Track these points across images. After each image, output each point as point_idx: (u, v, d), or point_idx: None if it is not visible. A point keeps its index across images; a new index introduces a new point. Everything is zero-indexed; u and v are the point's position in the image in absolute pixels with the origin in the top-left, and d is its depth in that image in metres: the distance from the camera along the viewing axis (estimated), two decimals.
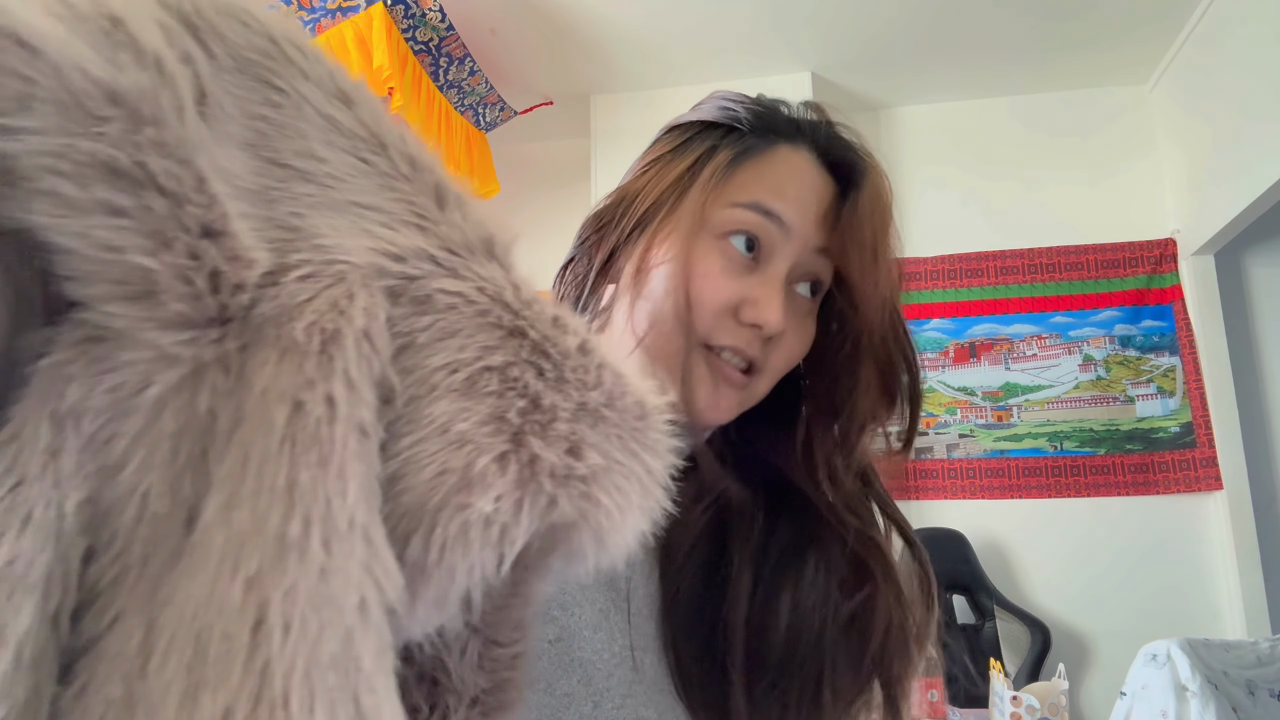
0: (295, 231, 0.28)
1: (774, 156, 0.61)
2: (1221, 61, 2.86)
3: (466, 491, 0.26)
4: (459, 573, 0.26)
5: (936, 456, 3.23)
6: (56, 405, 0.25)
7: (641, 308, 0.57)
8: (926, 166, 3.49)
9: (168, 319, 0.25)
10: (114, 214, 0.24)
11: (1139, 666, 1.86)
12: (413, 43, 2.54)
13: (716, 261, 0.57)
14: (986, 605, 2.95)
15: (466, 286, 0.30)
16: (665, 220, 0.59)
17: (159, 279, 0.25)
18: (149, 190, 0.24)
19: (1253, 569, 2.90)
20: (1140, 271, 3.24)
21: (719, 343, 0.56)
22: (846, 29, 3.05)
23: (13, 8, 0.24)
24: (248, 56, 0.30)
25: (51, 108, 0.23)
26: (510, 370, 0.29)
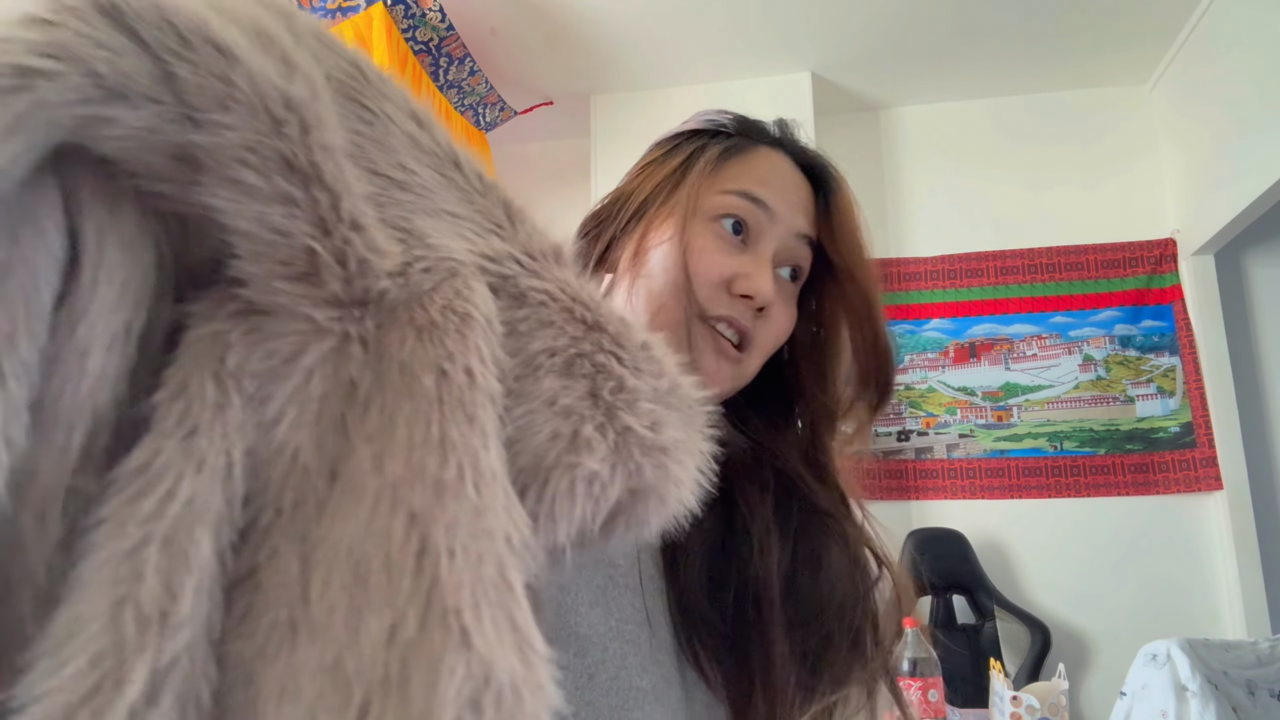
0: (407, 232, 0.33)
1: (757, 154, 0.67)
2: (1221, 62, 2.87)
3: (574, 453, 0.31)
4: (562, 524, 0.31)
5: (936, 456, 3.23)
6: (218, 368, 0.29)
7: (641, 286, 0.62)
8: (926, 166, 3.49)
9: (323, 297, 0.29)
10: (288, 203, 0.28)
11: (1139, 666, 1.86)
12: (413, 43, 2.54)
13: (710, 240, 0.62)
14: (986, 605, 2.95)
15: (550, 286, 0.36)
16: (661, 208, 0.64)
17: (320, 261, 0.29)
18: (316, 185, 0.29)
19: (1253, 569, 2.90)
20: (1140, 271, 3.24)
21: (715, 313, 0.61)
22: (846, 29, 3.05)
23: (207, 16, 0.28)
24: (339, 78, 0.35)
25: (245, 109, 0.28)
26: (598, 357, 0.34)
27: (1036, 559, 3.10)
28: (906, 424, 3.28)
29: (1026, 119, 3.45)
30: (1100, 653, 3.00)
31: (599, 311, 0.36)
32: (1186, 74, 3.11)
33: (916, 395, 3.29)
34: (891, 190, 3.50)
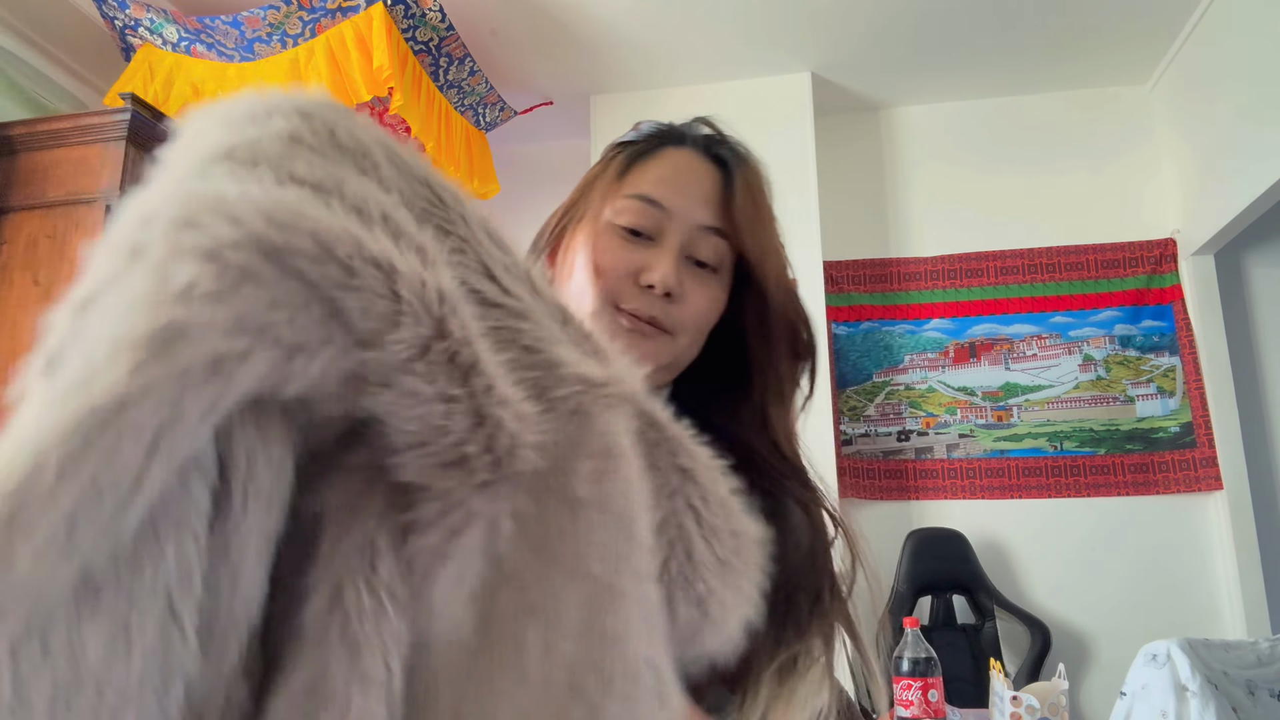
0: (542, 367, 0.35)
1: (660, 156, 0.72)
2: (1221, 62, 2.87)
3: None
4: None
5: (936, 456, 3.23)
6: (370, 576, 0.29)
7: (567, 286, 0.69)
8: (926, 166, 3.49)
9: (475, 482, 0.30)
10: (449, 401, 0.30)
11: (1139, 666, 1.86)
12: (413, 43, 2.54)
13: (615, 240, 0.68)
14: (986, 605, 2.95)
15: (664, 421, 0.39)
16: (577, 217, 0.72)
17: (471, 451, 0.30)
18: (474, 375, 0.30)
19: (1253, 569, 2.90)
20: (1140, 271, 3.24)
21: (625, 305, 0.67)
22: (846, 29, 3.05)
23: (359, 233, 0.29)
24: (422, 207, 0.35)
25: (411, 319, 0.29)
26: (684, 520, 0.37)
27: (1036, 559, 3.10)
28: (906, 424, 3.28)
29: (1026, 119, 3.45)
30: (1100, 653, 3.00)
31: (694, 459, 0.39)
32: (1186, 74, 3.11)
33: (916, 395, 3.29)
34: (891, 190, 3.50)
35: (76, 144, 2.18)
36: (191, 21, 2.42)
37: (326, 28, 2.40)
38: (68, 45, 2.65)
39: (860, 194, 3.51)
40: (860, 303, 3.38)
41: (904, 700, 1.72)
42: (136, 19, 2.48)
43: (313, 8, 2.35)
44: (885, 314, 3.37)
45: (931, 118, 3.53)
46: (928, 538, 3.05)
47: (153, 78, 2.50)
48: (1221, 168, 2.89)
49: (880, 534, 3.17)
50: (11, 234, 2.19)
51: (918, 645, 1.77)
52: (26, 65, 2.54)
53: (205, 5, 2.74)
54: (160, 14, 2.45)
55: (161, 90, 2.48)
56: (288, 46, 2.42)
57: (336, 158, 0.34)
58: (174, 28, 2.45)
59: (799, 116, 3.29)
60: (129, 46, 2.60)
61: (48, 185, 2.19)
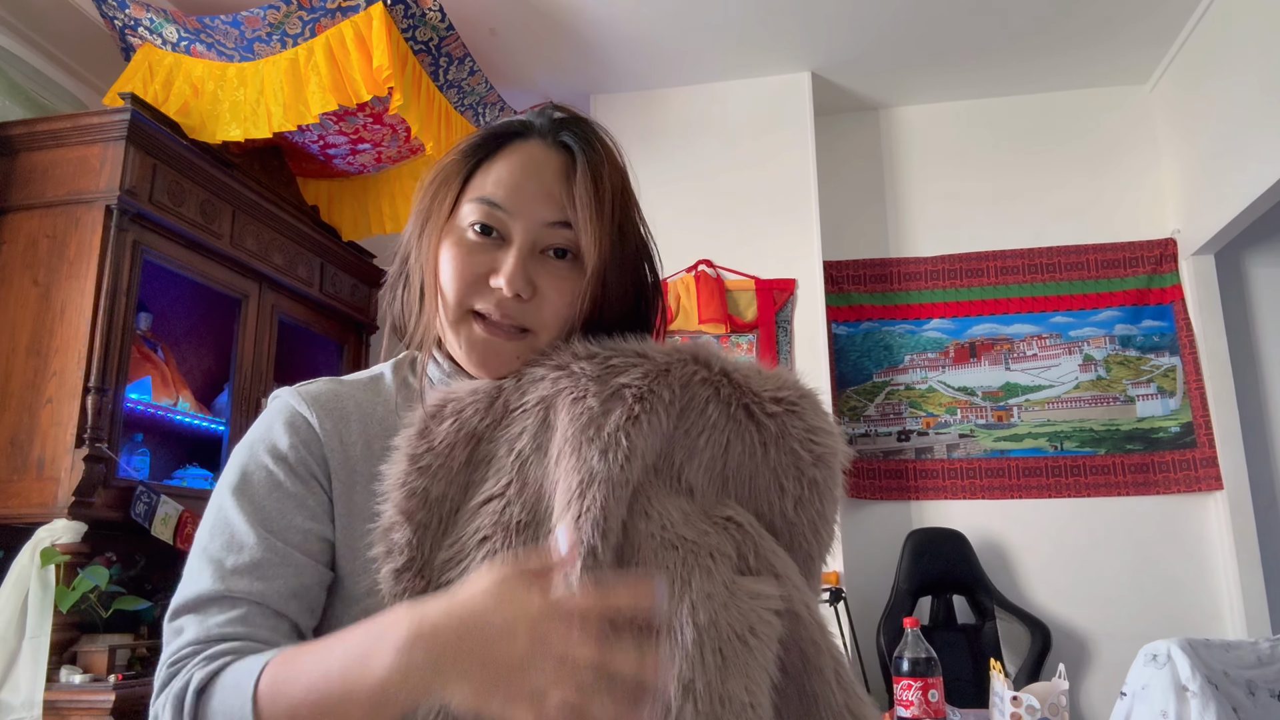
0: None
1: (502, 155, 0.71)
2: (1221, 62, 2.86)
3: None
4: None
5: (937, 456, 3.23)
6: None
7: (431, 296, 0.70)
8: (926, 166, 3.49)
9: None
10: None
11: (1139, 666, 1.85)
12: (413, 42, 2.54)
13: (463, 246, 0.69)
14: (986, 605, 2.95)
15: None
16: (423, 228, 0.72)
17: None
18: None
19: (1253, 569, 2.90)
20: (1140, 271, 3.24)
21: (480, 308, 0.68)
22: (846, 29, 3.05)
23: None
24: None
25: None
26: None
27: (1036, 559, 3.10)
28: (906, 424, 3.28)
29: (1026, 119, 3.45)
30: (1100, 653, 3.00)
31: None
32: (1186, 74, 3.11)
33: (916, 395, 3.29)
34: (891, 190, 3.50)
35: (76, 144, 2.18)
36: (191, 21, 2.42)
37: (326, 27, 2.39)
38: (68, 45, 2.65)
39: (860, 194, 3.51)
40: (860, 303, 3.38)
41: (904, 700, 1.72)
42: (136, 19, 2.48)
43: (312, 7, 2.34)
44: (885, 314, 3.37)
45: (931, 118, 3.53)
46: (928, 538, 3.04)
47: (152, 78, 2.50)
48: (1221, 167, 2.89)
49: (880, 534, 3.17)
50: (11, 234, 2.19)
51: (918, 645, 1.77)
52: (26, 65, 2.54)
53: (205, 5, 2.74)
54: (160, 14, 2.45)
55: (161, 90, 2.48)
56: (287, 46, 2.42)
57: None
58: (174, 28, 2.45)
59: (799, 116, 3.28)
60: (129, 46, 2.60)
61: (48, 185, 2.19)
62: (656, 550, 0.57)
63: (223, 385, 2.68)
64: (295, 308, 2.85)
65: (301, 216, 2.87)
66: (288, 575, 0.63)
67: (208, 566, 0.63)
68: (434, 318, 0.70)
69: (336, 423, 0.70)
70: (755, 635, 0.55)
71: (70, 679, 1.87)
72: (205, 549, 0.65)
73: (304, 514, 0.66)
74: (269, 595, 0.62)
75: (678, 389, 0.63)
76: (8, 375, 2.08)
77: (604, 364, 0.64)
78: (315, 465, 0.68)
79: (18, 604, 1.86)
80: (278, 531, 0.64)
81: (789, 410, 0.64)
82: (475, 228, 0.69)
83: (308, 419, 0.70)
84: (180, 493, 2.29)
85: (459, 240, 0.69)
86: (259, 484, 0.66)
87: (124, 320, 2.11)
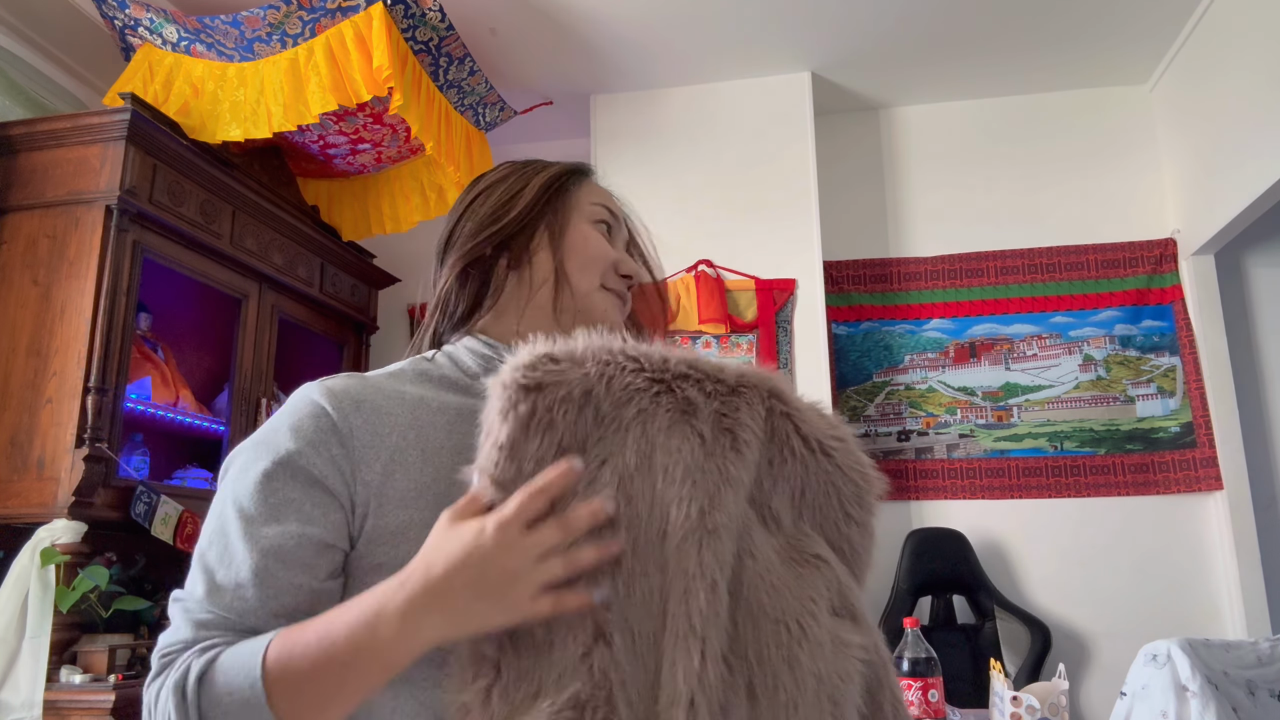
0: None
1: (591, 180, 0.92)
2: (1221, 61, 2.86)
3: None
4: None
5: (937, 456, 3.23)
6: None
7: (546, 273, 0.83)
8: (926, 166, 3.49)
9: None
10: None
11: (1139, 666, 1.85)
12: (413, 42, 2.54)
13: (600, 235, 0.87)
14: (986, 605, 2.95)
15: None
16: (553, 215, 0.86)
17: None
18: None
19: (1253, 569, 2.90)
20: (1140, 271, 3.24)
21: (610, 286, 0.86)
22: (846, 29, 3.05)
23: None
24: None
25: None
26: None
27: (1036, 559, 3.10)
28: (906, 424, 3.28)
29: (1027, 119, 3.45)
30: (1100, 653, 3.00)
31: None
32: (1186, 74, 3.11)
33: (916, 395, 3.29)
34: (891, 190, 3.50)
35: (76, 144, 2.18)
36: (191, 21, 2.42)
37: (326, 27, 2.39)
38: (68, 45, 2.65)
39: (860, 194, 3.51)
40: (860, 303, 3.38)
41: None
42: (136, 19, 2.48)
43: (312, 7, 2.34)
44: (885, 314, 3.37)
45: (931, 118, 3.53)
46: (928, 538, 3.05)
47: (152, 78, 2.50)
48: (1221, 168, 2.89)
49: (880, 534, 3.15)
50: (11, 234, 2.19)
51: (918, 645, 1.77)
52: (26, 65, 2.54)
53: (205, 5, 2.74)
54: (160, 14, 2.45)
55: (161, 90, 2.48)
56: (287, 46, 2.42)
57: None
58: (174, 27, 2.45)
59: (799, 116, 3.28)
60: (129, 46, 2.60)
61: (47, 185, 2.19)
62: (765, 593, 0.60)
63: (223, 385, 2.68)
64: (295, 308, 2.85)
65: (301, 216, 2.87)
66: (269, 597, 0.63)
67: (202, 575, 0.65)
68: (550, 293, 0.82)
69: (367, 416, 0.69)
70: (847, 682, 0.61)
71: (70, 679, 1.87)
72: (203, 555, 0.66)
73: (305, 522, 0.65)
74: (252, 614, 0.63)
75: (761, 419, 0.67)
76: (8, 375, 2.08)
77: (700, 386, 0.65)
78: (325, 468, 0.66)
79: (18, 604, 1.86)
80: (269, 550, 0.64)
81: (845, 446, 0.72)
82: (602, 226, 0.87)
83: (329, 413, 0.68)
84: (180, 493, 2.29)
85: (595, 229, 0.87)
86: (263, 493, 0.65)
87: (124, 320, 2.11)
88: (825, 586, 0.63)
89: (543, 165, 0.90)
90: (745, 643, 0.58)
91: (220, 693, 0.58)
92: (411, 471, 0.68)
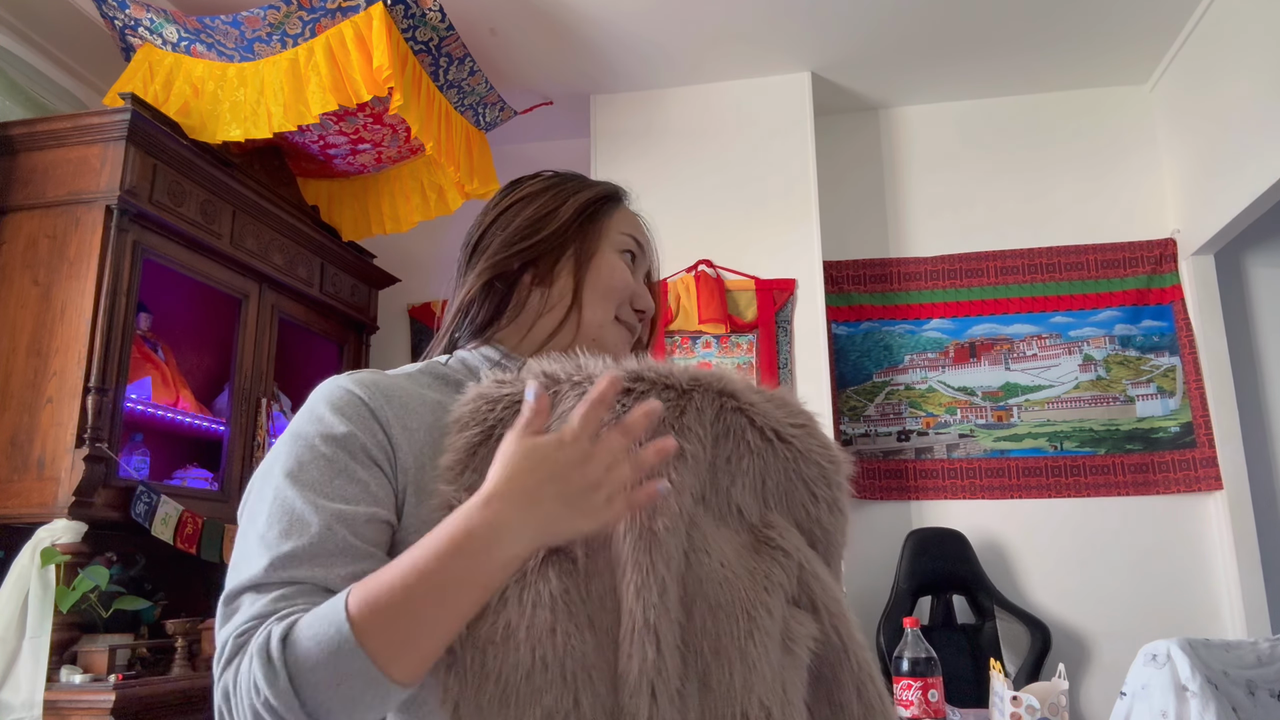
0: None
1: (623, 209, 0.92)
2: (1221, 62, 2.86)
3: None
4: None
5: (937, 456, 3.23)
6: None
7: (567, 295, 0.85)
8: (926, 166, 3.49)
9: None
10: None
11: (1139, 666, 1.86)
12: (413, 42, 2.54)
13: (624, 266, 0.88)
14: (986, 605, 2.95)
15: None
16: (583, 240, 0.87)
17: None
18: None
19: (1253, 569, 2.90)
20: (1140, 271, 3.24)
21: (623, 318, 0.87)
22: (846, 29, 3.05)
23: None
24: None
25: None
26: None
27: (1036, 559, 3.10)
28: (906, 424, 3.28)
29: (1026, 119, 3.45)
30: (1100, 653, 3.00)
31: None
32: (1186, 74, 3.11)
33: (916, 395, 3.29)
34: (891, 190, 3.50)
35: (76, 144, 2.18)
36: (191, 21, 2.42)
37: (326, 28, 2.39)
38: (68, 45, 2.65)
39: (860, 194, 3.51)
40: (860, 303, 3.38)
41: (904, 700, 1.72)
42: (136, 19, 2.48)
43: (312, 7, 2.35)
44: (885, 314, 3.37)
45: (931, 118, 3.53)
46: (928, 538, 3.05)
47: (153, 78, 2.50)
48: (1221, 167, 2.89)
49: (880, 534, 3.17)
50: (11, 234, 2.19)
51: (918, 645, 1.77)
52: (26, 65, 2.54)
53: (205, 5, 2.74)
54: (160, 14, 2.45)
55: (161, 90, 2.48)
56: (288, 46, 2.42)
57: None
58: (174, 28, 2.45)
59: (799, 116, 3.28)
60: (129, 46, 2.60)
61: (47, 185, 2.19)
62: (718, 585, 0.64)
63: (223, 385, 2.68)
64: (295, 308, 2.85)
65: (301, 216, 2.87)
66: (346, 562, 0.64)
67: (265, 553, 0.63)
68: (565, 314, 0.84)
69: (397, 410, 0.71)
70: (795, 670, 0.66)
71: (70, 679, 1.87)
72: (263, 536, 0.64)
73: (367, 499, 0.67)
74: (329, 580, 0.63)
75: (710, 420, 0.71)
76: (8, 375, 2.08)
77: (644, 397, 0.70)
78: (375, 449, 0.69)
79: (18, 604, 1.86)
80: (339, 517, 0.64)
81: (805, 430, 0.74)
82: (627, 255, 0.89)
83: (365, 401, 0.70)
84: (180, 493, 2.29)
85: (620, 258, 0.88)
86: (318, 470, 0.66)
87: (124, 320, 2.11)
88: (784, 576, 0.67)
89: (582, 184, 0.91)
90: (700, 635, 0.62)
91: (307, 645, 0.56)
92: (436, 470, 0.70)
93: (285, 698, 0.56)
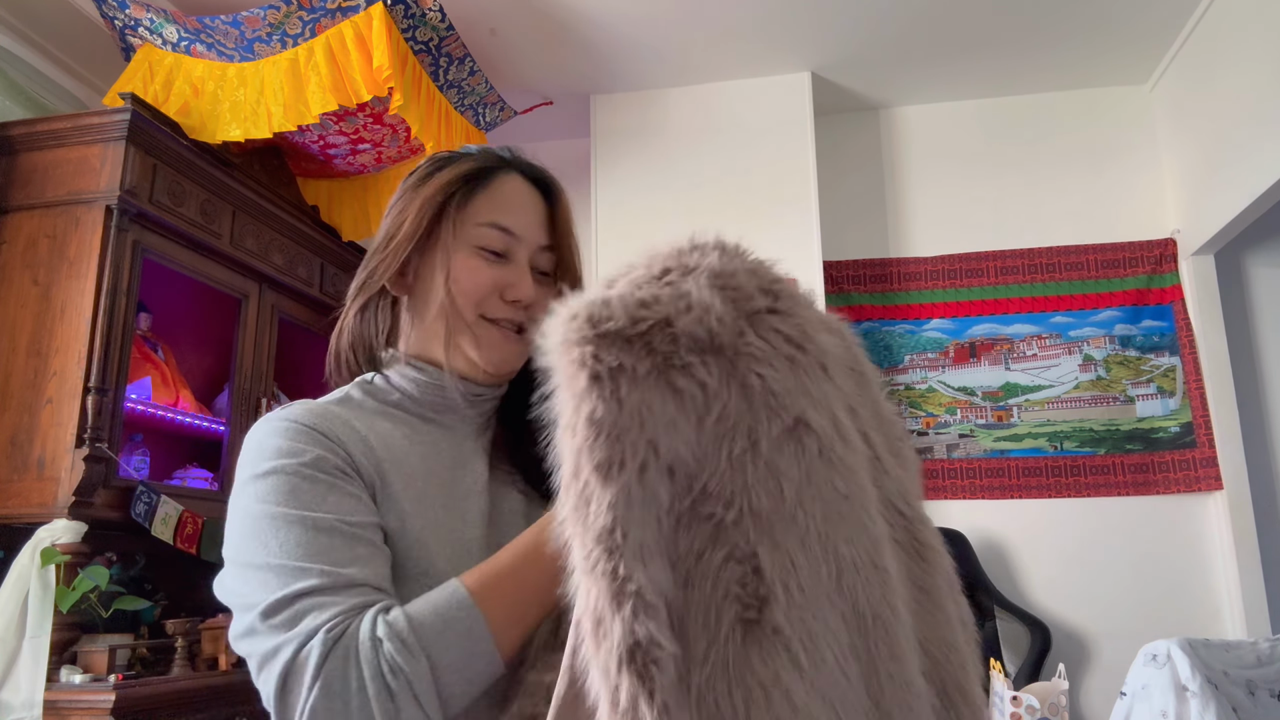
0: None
1: (498, 181, 0.82)
2: (1221, 61, 2.86)
3: None
4: None
5: (937, 456, 3.23)
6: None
7: (433, 301, 0.80)
8: (926, 166, 3.49)
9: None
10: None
11: (1139, 666, 1.86)
12: (413, 42, 2.54)
13: (478, 262, 0.80)
14: (986, 605, 2.95)
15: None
16: (432, 239, 0.80)
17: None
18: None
19: (1253, 569, 2.90)
20: (1140, 271, 3.24)
21: (493, 316, 0.80)
22: (846, 29, 3.05)
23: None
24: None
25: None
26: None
27: (1036, 559, 3.10)
28: (906, 424, 3.28)
29: (1026, 119, 3.45)
30: (1100, 653, 3.00)
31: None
32: (1186, 74, 3.11)
33: (916, 395, 3.29)
34: (891, 190, 3.50)
35: (76, 144, 2.18)
36: (191, 21, 2.42)
37: (326, 28, 2.39)
38: (68, 45, 2.65)
39: (860, 194, 3.50)
40: (860, 303, 3.38)
41: None
42: (136, 19, 2.48)
43: (312, 7, 2.35)
44: (885, 314, 3.37)
45: (931, 118, 3.53)
46: None
47: (153, 78, 2.50)
48: (1221, 168, 2.89)
49: None
50: (11, 234, 2.19)
51: None
52: (26, 65, 2.54)
53: (205, 5, 2.74)
54: (160, 14, 2.45)
55: (161, 90, 2.48)
56: (288, 46, 2.42)
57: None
58: (174, 28, 2.45)
59: (799, 116, 3.28)
60: (129, 46, 2.60)
61: (47, 185, 2.19)
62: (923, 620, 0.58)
63: (223, 385, 2.68)
64: (295, 308, 2.85)
65: (301, 216, 2.87)
66: (381, 564, 0.66)
67: (308, 563, 0.62)
68: (442, 322, 0.79)
69: (334, 424, 0.72)
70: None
71: (70, 679, 1.87)
72: (291, 555, 0.63)
73: (363, 510, 0.68)
74: (379, 579, 0.64)
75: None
76: (8, 375, 2.08)
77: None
78: (342, 464, 0.69)
79: (18, 604, 1.86)
80: (354, 527, 0.65)
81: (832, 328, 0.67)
82: (488, 249, 0.80)
83: (311, 425, 0.71)
84: (180, 493, 2.29)
85: (475, 255, 0.79)
86: (310, 494, 0.66)
87: (124, 320, 2.11)
88: (949, 587, 0.61)
89: (434, 173, 0.83)
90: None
91: (432, 622, 0.59)
92: (394, 485, 0.71)
93: (418, 669, 0.58)
